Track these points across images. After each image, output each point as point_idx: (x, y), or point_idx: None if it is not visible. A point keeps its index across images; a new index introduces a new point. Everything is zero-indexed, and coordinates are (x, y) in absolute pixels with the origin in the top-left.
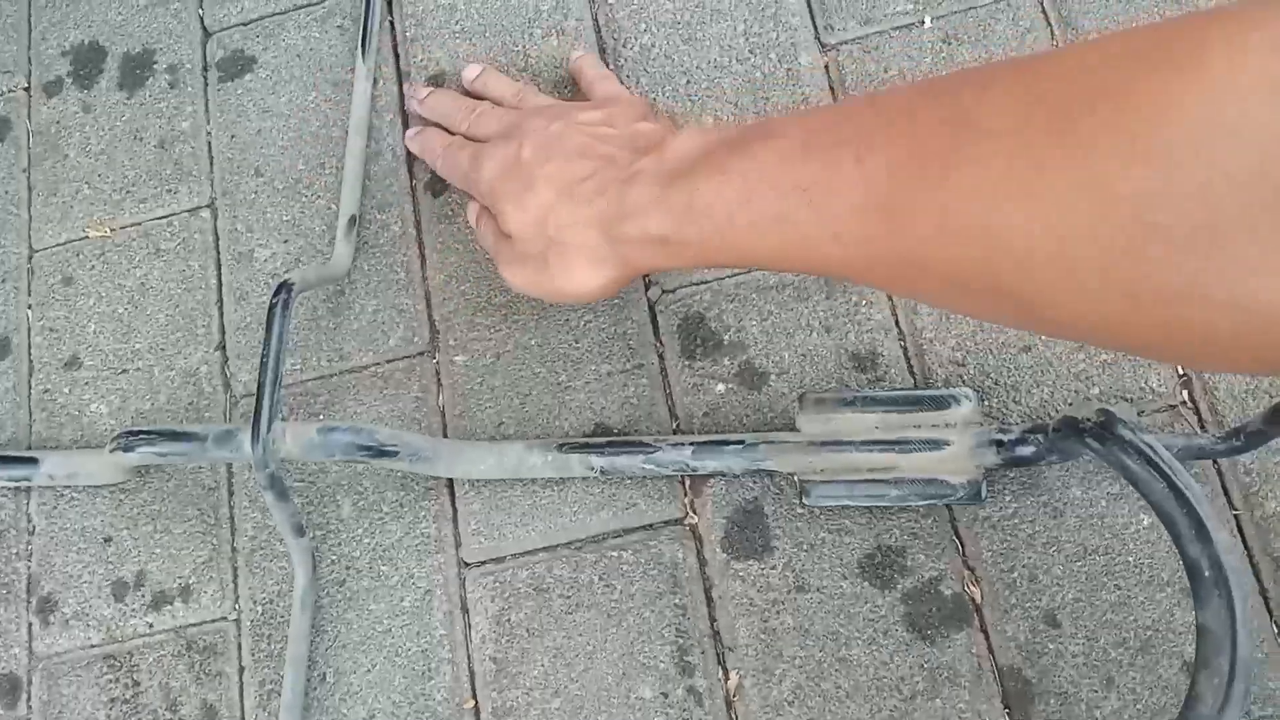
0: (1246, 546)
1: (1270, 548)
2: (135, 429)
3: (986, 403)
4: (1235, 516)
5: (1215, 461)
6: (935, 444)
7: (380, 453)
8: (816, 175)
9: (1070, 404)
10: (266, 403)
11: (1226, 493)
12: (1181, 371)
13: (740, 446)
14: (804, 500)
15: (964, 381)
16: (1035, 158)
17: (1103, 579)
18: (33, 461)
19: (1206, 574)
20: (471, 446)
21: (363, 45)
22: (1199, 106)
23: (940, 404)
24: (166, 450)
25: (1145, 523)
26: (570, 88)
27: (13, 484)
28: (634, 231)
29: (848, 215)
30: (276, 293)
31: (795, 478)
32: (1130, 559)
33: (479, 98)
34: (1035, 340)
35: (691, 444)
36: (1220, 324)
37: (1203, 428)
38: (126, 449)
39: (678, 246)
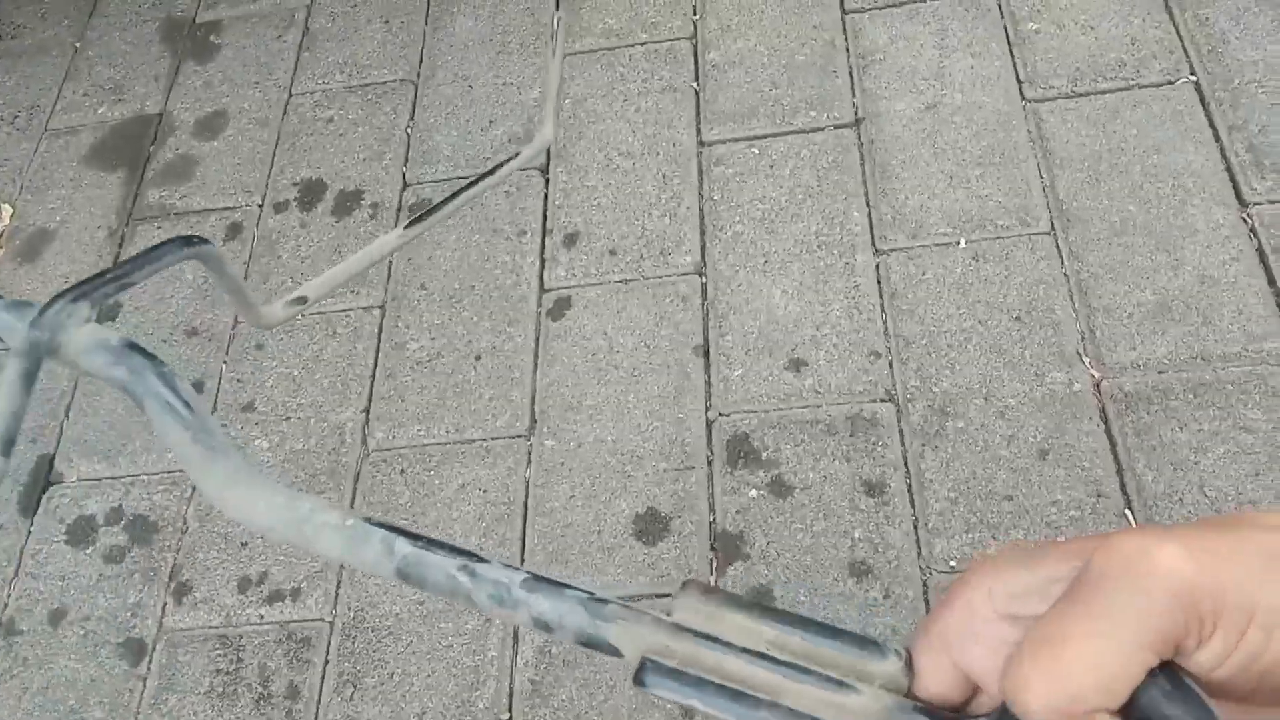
0: None
1: None
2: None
3: (981, 549)
4: None
5: None
6: (840, 685)
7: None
8: None
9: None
10: (89, 288)
11: None
12: None
13: (585, 596)
14: (636, 679)
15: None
16: None
17: None
18: None
19: None
20: (250, 467)
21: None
22: None
23: (862, 648)
24: None
25: None
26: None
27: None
28: None
29: None
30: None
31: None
32: None
33: None
34: (1017, 492)
35: (526, 574)
36: None
37: None
38: None
39: None
